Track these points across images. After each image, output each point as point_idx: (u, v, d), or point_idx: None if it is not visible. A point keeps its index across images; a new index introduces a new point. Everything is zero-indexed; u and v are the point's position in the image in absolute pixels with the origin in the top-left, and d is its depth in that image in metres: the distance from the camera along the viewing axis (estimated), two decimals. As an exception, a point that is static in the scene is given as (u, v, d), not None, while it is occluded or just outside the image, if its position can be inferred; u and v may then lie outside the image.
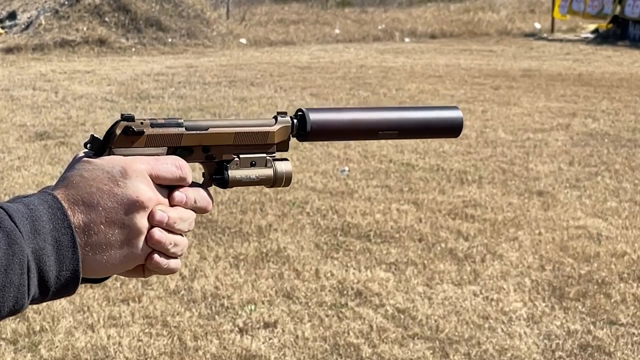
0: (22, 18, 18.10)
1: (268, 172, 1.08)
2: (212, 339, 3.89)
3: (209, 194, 1.04)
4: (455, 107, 1.20)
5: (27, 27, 17.58)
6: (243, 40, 18.88)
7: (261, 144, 1.08)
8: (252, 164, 1.07)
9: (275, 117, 1.09)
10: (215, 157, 1.06)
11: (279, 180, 1.08)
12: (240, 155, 1.07)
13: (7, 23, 18.07)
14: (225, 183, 1.06)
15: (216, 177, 1.07)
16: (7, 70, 13.65)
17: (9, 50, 16.18)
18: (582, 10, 20.41)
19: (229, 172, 1.06)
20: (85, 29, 17.22)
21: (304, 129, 1.10)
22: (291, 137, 1.11)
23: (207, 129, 1.04)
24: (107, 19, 17.62)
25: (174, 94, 11.08)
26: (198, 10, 19.01)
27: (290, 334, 3.94)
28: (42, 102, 10.35)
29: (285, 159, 1.10)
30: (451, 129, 1.19)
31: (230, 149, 1.06)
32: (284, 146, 1.10)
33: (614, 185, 6.57)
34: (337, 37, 20.32)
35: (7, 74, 13.11)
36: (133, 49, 16.99)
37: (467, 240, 5.23)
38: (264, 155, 1.08)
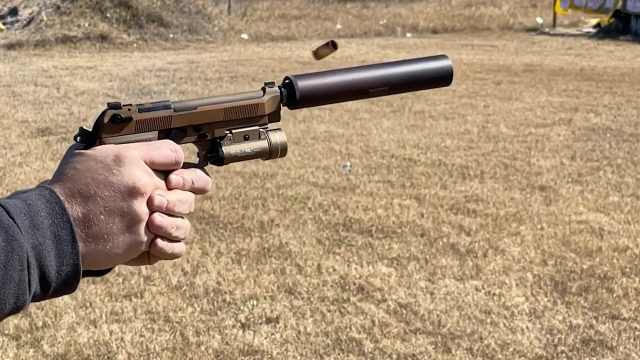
0: (24, 14, 18.10)
1: (263, 144, 1.07)
2: (214, 334, 3.89)
3: (206, 173, 1.03)
4: (444, 56, 1.18)
5: (28, 23, 17.58)
6: (244, 36, 18.87)
7: (252, 117, 1.07)
8: (246, 137, 1.06)
9: (264, 89, 1.08)
10: (208, 135, 1.05)
11: (275, 152, 1.07)
12: (233, 131, 1.06)
13: (9, 19, 18.06)
14: (220, 160, 1.05)
15: (211, 155, 1.06)
16: (9, 67, 13.65)
17: (10, 46, 16.19)
18: (583, 4, 20.38)
19: (223, 148, 1.05)
20: (86, 24, 17.21)
21: (293, 97, 1.08)
22: (282, 106, 1.09)
23: (195, 108, 1.03)
24: (108, 15, 17.61)
25: (176, 90, 11.08)
26: (199, 6, 18.99)
27: (293, 329, 3.95)
28: (43, 98, 10.35)
29: (279, 129, 1.08)
30: (441, 79, 1.17)
31: (222, 125, 1.05)
32: (275, 116, 1.08)
33: (616, 180, 6.56)
34: (339, 32, 20.30)
35: (8, 70, 13.11)
36: (134, 45, 16.98)
37: (469, 235, 5.23)
38: (257, 127, 1.07)
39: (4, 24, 17.74)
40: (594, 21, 21.10)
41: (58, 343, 3.80)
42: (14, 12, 18.30)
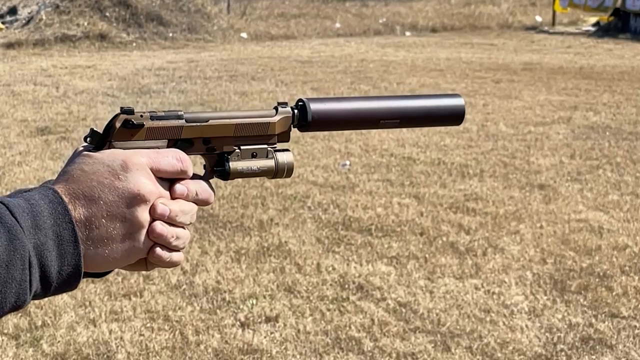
0: (23, 13, 18.09)
1: (269, 163, 1.07)
2: (213, 333, 3.89)
3: (210, 186, 1.03)
4: (457, 95, 1.19)
5: (27, 22, 17.57)
6: (244, 35, 18.86)
7: (262, 135, 1.07)
8: (253, 155, 1.07)
9: (276, 108, 1.09)
10: (216, 149, 1.05)
11: (281, 172, 1.08)
12: (241, 147, 1.06)
13: (8, 18, 18.06)
14: (226, 175, 1.06)
15: (217, 169, 1.06)
16: (8, 66, 13.64)
17: (9, 46, 16.18)
18: (583, 3, 20.38)
19: (230, 163, 1.05)
20: (86, 23, 17.20)
21: (305, 119, 1.09)
22: (292, 128, 1.10)
23: (207, 121, 1.04)
24: (107, 14, 17.60)
25: (175, 89, 11.07)
26: (199, 5, 18.99)
27: (292, 328, 3.95)
28: (43, 97, 10.35)
29: (287, 150, 1.09)
30: (453, 117, 1.18)
31: (231, 141, 1.06)
32: (285, 137, 1.09)
33: (615, 179, 6.57)
34: (338, 31, 20.31)
35: (8, 69, 13.10)
36: (134, 44, 16.98)
37: (469, 234, 5.23)
38: (265, 146, 1.07)
39: (3, 23, 17.73)
40: (593, 19, 21.12)
41: (57, 342, 3.80)
42: (13, 11, 18.29)
